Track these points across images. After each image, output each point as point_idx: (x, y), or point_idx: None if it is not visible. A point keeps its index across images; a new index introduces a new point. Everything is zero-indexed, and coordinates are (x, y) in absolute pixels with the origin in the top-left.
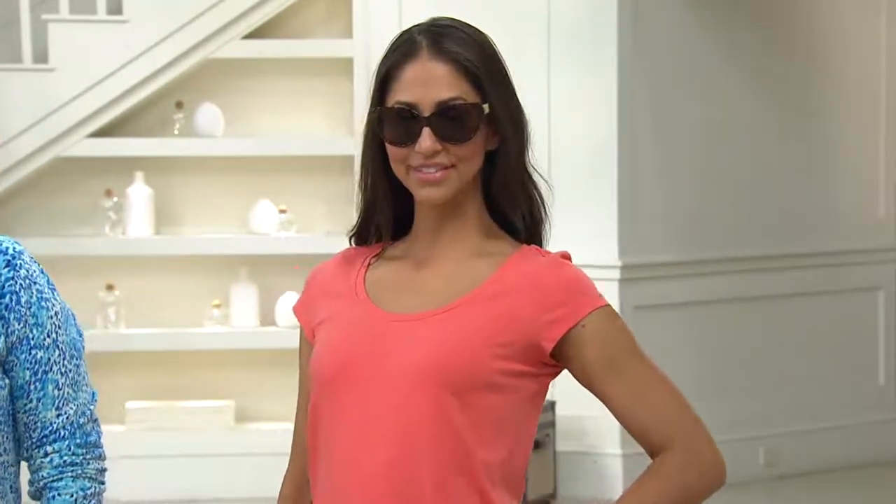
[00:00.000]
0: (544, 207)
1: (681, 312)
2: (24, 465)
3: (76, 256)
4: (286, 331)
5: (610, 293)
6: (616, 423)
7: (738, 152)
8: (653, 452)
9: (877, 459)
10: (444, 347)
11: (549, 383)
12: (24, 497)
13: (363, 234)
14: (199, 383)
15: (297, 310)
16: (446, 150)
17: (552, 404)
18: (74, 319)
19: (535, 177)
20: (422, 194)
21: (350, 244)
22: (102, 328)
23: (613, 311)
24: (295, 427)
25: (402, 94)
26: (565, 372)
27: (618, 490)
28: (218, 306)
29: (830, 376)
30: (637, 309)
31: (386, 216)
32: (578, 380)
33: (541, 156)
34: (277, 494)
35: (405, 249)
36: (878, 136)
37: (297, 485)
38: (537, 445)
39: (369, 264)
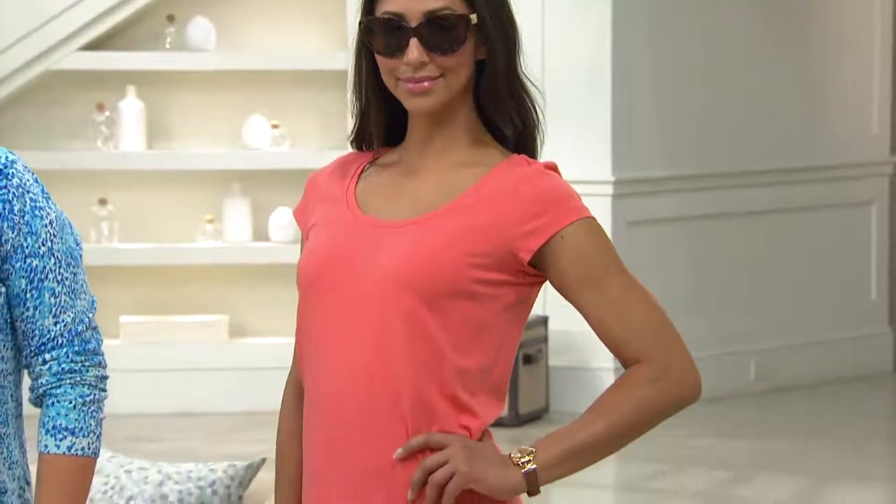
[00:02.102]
0: (537, 115)
1: (674, 227)
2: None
3: (69, 170)
4: (279, 245)
5: (603, 209)
6: None
7: (732, 68)
8: (627, 365)
9: (867, 373)
10: (418, 255)
11: (533, 293)
12: (26, 405)
13: (360, 140)
14: (193, 298)
15: (297, 214)
16: (434, 60)
17: (545, 319)
18: (72, 228)
19: (528, 86)
20: (411, 104)
21: (351, 148)
22: (96, 242)
23: (595, 223)
24: (297, 329)
25: (389, 3)
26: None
27: None
28: (211, 221)
29: (822, 290)
30: (630, 224)
31: (378, 124)
32: (557, 290)
33: (535, 70)
34: (280, 403)
35: (398, 157)
36: (873, 52)
37: (298, 390)
38: (530, 360)
39: (363, 171)
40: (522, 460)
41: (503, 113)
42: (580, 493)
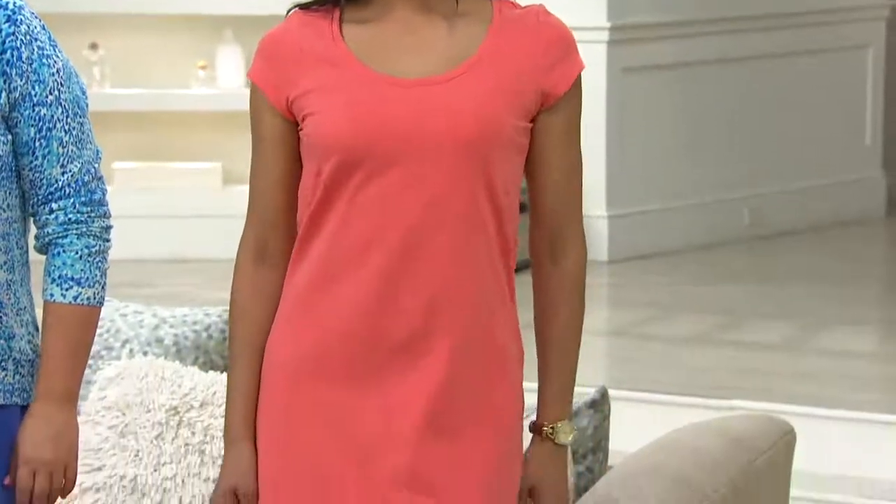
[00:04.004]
0: None
1: (669, 74)
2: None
3: (58, 14)
4: None
5: (598, 55)
6: (601, 185)
7: None
8: (540, 221)
9: (861, 217)
10: (479, 112)
11: None
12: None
13: None
14: (186, 145)
15: (261, 77)
16: None
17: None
18: (77, 77)
19: None
20: None
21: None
22: (87, 87)
23: None
24: (258, 192)
25: None
26: None
27: (602, 252)
28: (204, 67)
29: (817, 135)
30: (625, 71)
31: None
32: (534, 140)
33: None
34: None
35: (374, 13)
36: None
37: (261, 249)
38: (523, 209)
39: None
40: (562, 438)
41: None
42: None
